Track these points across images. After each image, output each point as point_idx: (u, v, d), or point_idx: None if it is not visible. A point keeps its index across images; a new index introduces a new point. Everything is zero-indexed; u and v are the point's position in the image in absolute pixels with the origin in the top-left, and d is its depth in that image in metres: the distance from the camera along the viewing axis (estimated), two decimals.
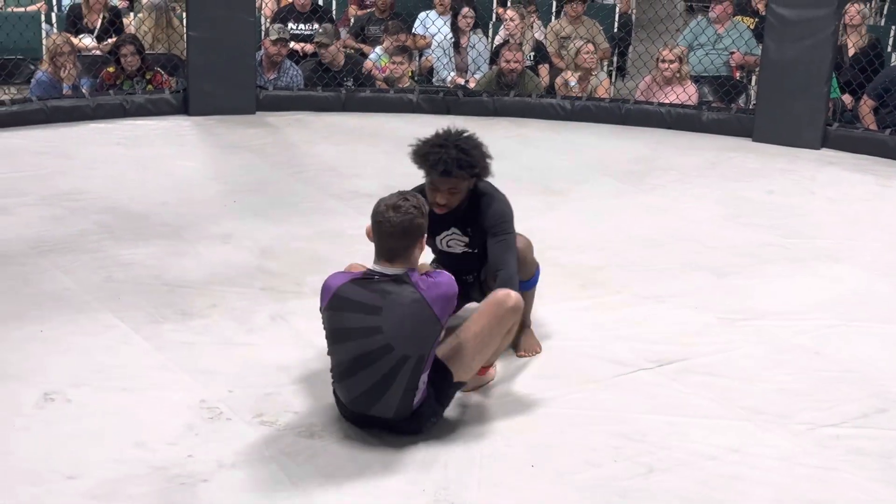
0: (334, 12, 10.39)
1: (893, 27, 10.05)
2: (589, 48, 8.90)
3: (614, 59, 10.12)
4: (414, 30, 9.79)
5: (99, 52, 9.15)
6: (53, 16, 9.79)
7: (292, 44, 9.25)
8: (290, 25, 9.41)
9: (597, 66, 9.03)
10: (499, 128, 8.30)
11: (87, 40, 9.04)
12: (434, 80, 9.49)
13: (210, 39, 8.13)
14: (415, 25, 9.83)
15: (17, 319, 4.62)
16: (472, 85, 9.19)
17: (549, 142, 8.02)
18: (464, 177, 4.11)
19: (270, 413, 3.93)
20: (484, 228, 4.19)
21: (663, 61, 8.67)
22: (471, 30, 9.67)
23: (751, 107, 8.76)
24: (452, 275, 3.81)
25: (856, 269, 5.67)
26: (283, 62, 8.75)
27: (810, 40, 7.93)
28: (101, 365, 4.25)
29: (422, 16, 9.90)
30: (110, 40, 9.11)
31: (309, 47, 9.53)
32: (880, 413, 4.13)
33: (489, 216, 4.17)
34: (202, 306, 4.84)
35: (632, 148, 7.90)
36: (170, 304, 4.84)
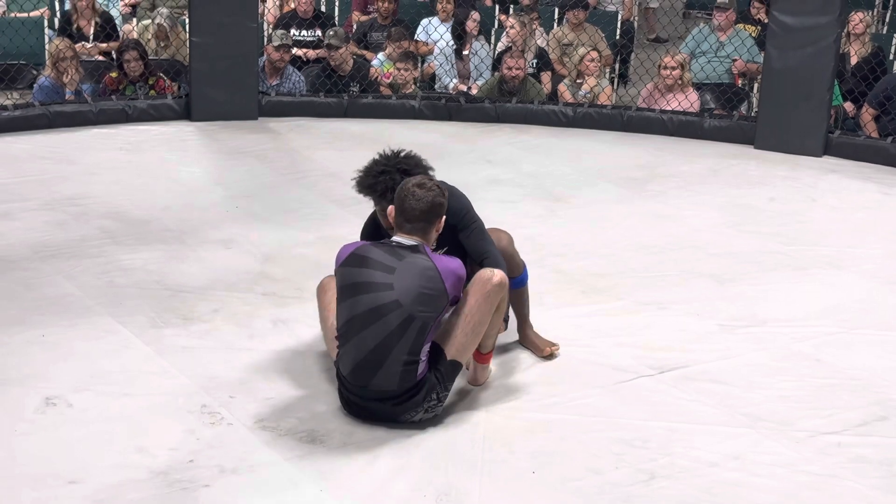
0: (336, 18, 10.40)
1: None
2: (593, 55, 8.91)
3: (616, 65, 10.13)
4: (416, 36, 9.80)
5: (101, 56, 9.16)
6: (56, 21, 9.80)
7: (295, 49, 9.26)
8: (293, 31, 9.42)
9: (599, 72, 9.03)
10: (501, 134, 8.31)
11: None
12: (436, 87, 9.51)
13: (213, 45, 8.14)
14: (417, 32, 9.85)
15: (18, 324, 4.62)
16: (474, 91, 9.20)
17: (551, 148, 8.02)
18: (383, 201, 4.13)
19: (272, 418, 3.93)
20: (449, 227, 4.18)
21: (665, 68, 8.68)
22: (474, 36, 9.68)
23: (753, 114, 8.76)
24: None
25: (857, 277, 5.67)
26: (286, 68, 8.76)
27: (812, 48, 7.93)
28: (103, 370, 4.25)
29: (424, 22, 9.91)
30: (104, 44, 9.14)
31: (312, 53, 9.54)
32: (881, 421, 4.13)
33: (451, 215, 4.15)
34: (204, 311, 4.85)
35: (634, 155, 7.91)
36: (171, 309, 4.85)
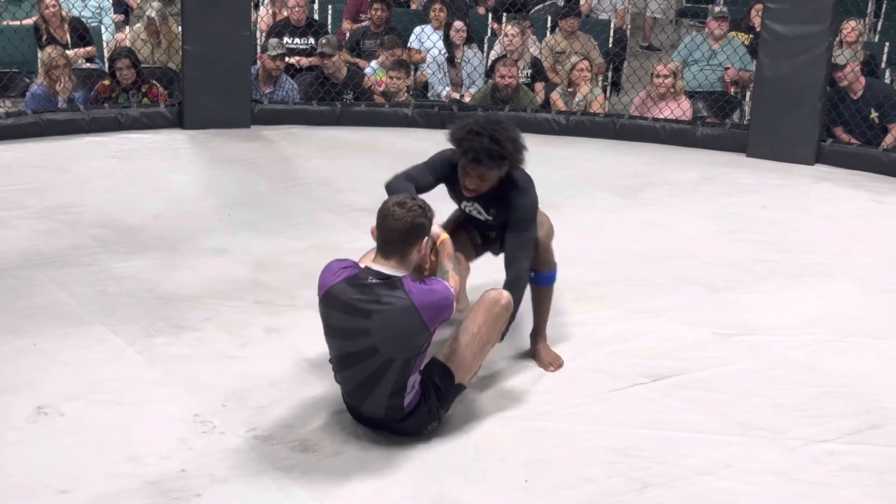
0: (329, 27, 10.40)
1: (887, 44, 10.08)
2: (583, 64, 8.90)
3: (609, 74, 10.14)
4: (409, 44, 9.81)
5: (86, 63, 9.16)
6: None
7: (288, 57, 9.25)
8: (286, 39, 9.42)
9: (592, 80, 9.04)
10: None
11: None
12: (429, 95, 9.51)
13: (206, 53, 8.13)
14: (410, 40, 9.85)
15: (10, 333, 4.61)
16: (467, 99, 9.20)
17: (544, 156, 7.97)
18: (492, 167, 4.15)
19: (264, 427, 3.92)
20: (507, 219, 4.25)
21: (657, 76, 8.69)
22: (465, 44, 9.69)
23: (745, 122, 8.77)
24: (475, 229, 4.17)
25: (850, 285, 5.67)
26: (280, 76, 8.77)
27: (804, 56, 7.95)
28: (95, 378, 4.24)
29: (417, 30, 9.92)
30: (83, 49, 9.15)
31: (305, 61, 9.54)
32: (874, 429, 4.13)
33: (515, 210, 4.24)
34: (196, 320, 4.84)
35: (626, 163, 7.91)
36: (164, 318, 4.84)
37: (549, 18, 10.58)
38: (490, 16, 10.85)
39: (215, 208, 6.48)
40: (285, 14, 9.94)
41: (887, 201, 7.30)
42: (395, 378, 3.70)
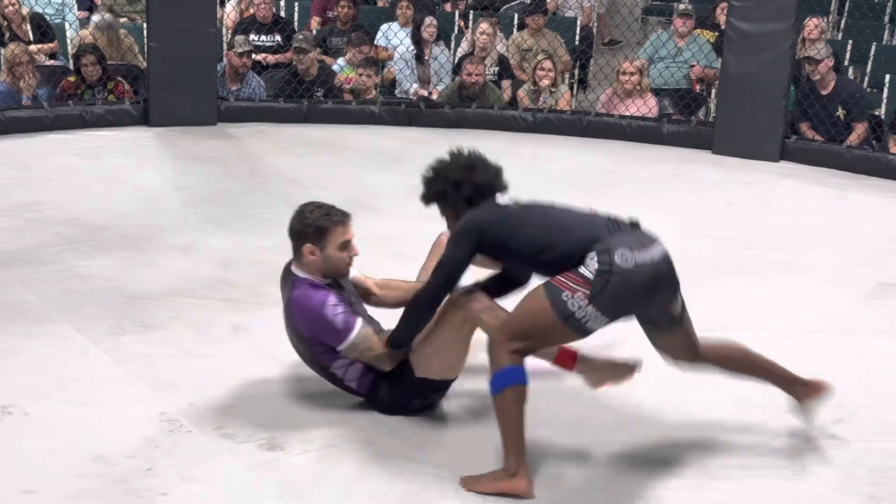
0: (296, 24, 10.38)
1: (850, 41, 10.17)
2: (546, 64, 8.90)
3: (576, 71, 10.17)
4: (376, 42, 9.80)
5: (49, 60, 9.09)
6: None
7: (254, 55, 9.22)
8: (252, 36, 9.39)
9: (558, 78, 9.06)
10: (461, 140, 8.20)
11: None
12: (397, 92, 9.51)
13: (171, 50, 8.10)
14: (377, 37, 9.84)
15: None
16: (434, 96, 9.20)
17: (512, 154, 7.99)
18: (428, 203, 3.92)
19: (231, 425, 3.90)
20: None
21: (624, 73, 8.73)
22: (433, 41, 9.69)
23: (710, 119, 8.83)
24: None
25: (815, 281, 5.72)
26: (247, 73, 8.74)
27: (769, 54, 8.01)
28: (60, 378, 4.21)
29: (384, 28, 9.91)
30: (42, 46, 9.08)
31: (272, 58, 9.51)
32: (839, 423, 4.16)
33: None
34: (162, 318, 4.81)
35: (593, 160, 7.94)
36: (129, 316, 4.81)
37: (516, 16, 10.60)
38: (457, 13, 10.86)
39: (181, 206, 6.45)
40: (251, 11, 9.90)
41: (851, 198, 7.36)
42: (317, 367, 4.00)
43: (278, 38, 9.58)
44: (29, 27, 9.23)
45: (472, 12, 10.72)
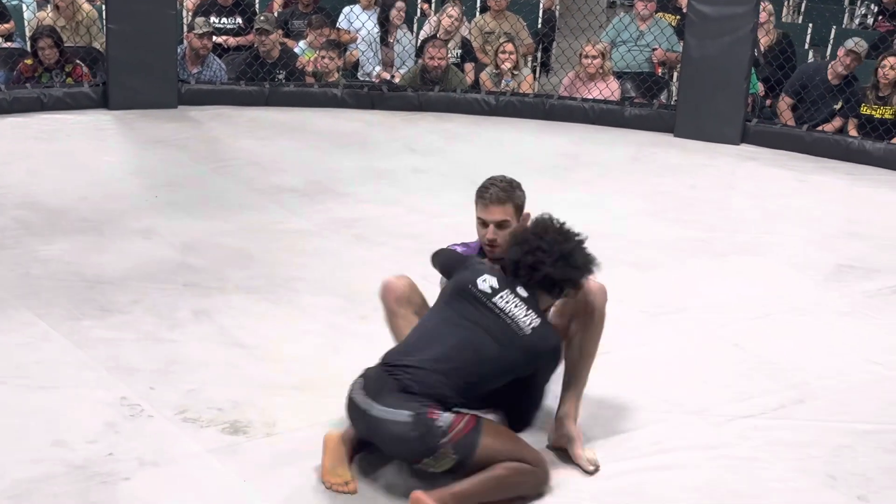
0: (257, 6, 10.30)
1: (811, 25, 10.23)
2: (507, 47, 8.89)
3: (538, 54, 10.17)
4: (338, 24, 9.74)
5: (8, 43, 9.00)
6: None
7: (215, 37, 9.15)
8: (213, 19, 9.31)
9: (518, 63, 9.06)
10: (424, 123, 8.31)
11: None
12: (359, 75, 9.47)
13: (131, 33, 8.02)
14: (339, 20, 9.79)
15: None
16: (397, 80, 9.18)
17: (475, 137, 8.03)
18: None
19: (193, 410, 3.89)
20: None
21: (586, 57, 8.74)
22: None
23: (672, 103, 8.87)
24: None
25: (776, 263, 5.76)
26: (208, 56, 8.67)
27: (730, 37, 8.05)
28: (20, 363, 4.17)
29: (346, 10, 9.86)
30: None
31: (232, 40, 9.44)
32: (798, 404, 4.20)
33: None
34: (123, 302, 4.78)
35: (556, 143, 7.95)
36: (90, 301, 4.77)
37: None
38: None
39: (142, 190, 6.40)
40: None
41: (810, 180, 7.42)
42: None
43: (239, 20, 9.50)
44: None
45: None
